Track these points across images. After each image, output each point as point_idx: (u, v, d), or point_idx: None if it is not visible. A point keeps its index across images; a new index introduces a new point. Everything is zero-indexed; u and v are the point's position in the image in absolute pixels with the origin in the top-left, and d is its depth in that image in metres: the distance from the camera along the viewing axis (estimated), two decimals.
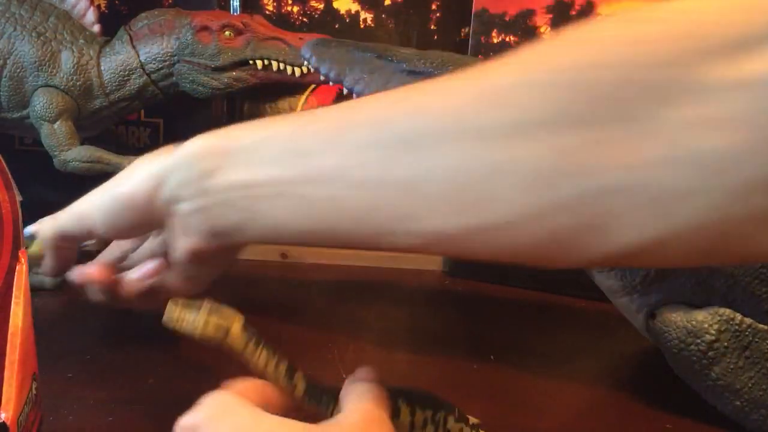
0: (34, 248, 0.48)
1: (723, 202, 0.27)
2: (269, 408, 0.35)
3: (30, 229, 0.48)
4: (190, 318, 0.37)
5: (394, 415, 0.39)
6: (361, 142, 0.34)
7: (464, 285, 0.87)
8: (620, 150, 0.28)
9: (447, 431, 0.41)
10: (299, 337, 0.68)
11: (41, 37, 0.76)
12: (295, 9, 0.88)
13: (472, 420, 0.42)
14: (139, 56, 0.77)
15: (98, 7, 0.85)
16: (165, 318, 0.38)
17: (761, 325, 0.53)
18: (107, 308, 0.74)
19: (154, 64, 0.77)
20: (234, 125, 0.41)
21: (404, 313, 0.74)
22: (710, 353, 0.53)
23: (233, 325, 0.37)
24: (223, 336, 0.36)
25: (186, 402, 0.53)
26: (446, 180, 0.30)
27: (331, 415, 0.38)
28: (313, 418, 0.35)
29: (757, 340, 0.53)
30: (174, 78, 0.78)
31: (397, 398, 0.39)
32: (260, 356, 0.37)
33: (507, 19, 0.81)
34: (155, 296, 0.47)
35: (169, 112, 0.89)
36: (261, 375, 0.38)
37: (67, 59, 0.76)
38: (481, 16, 0.82)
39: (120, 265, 0.52)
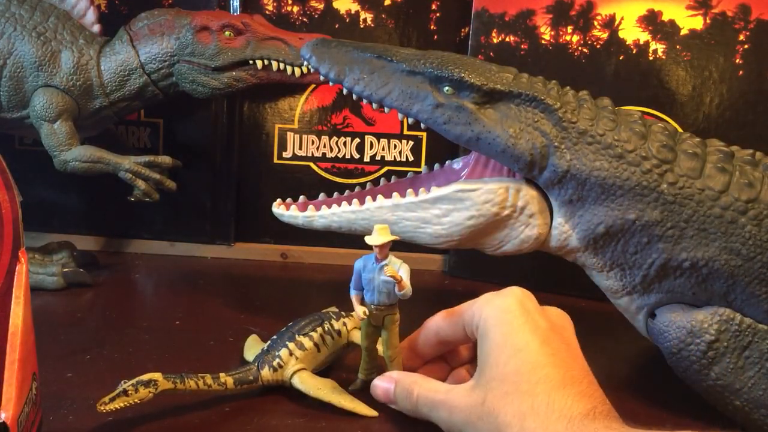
0: None
1: None
2: None
3: None
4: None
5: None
6: None
7: (464, 285, 0.87)
8: None
9: (336, 332, 0.58)
10: None
11: (41, 37, 0.76)
12: (295, 9, 0.88)
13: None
14: (139, 56, 0.77)
15: (98, 7, 0.85)
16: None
17: (761, 325, 0.53)
18: (106, 308, 0.74)
19: (154, 64, 0.77)
20: None
21: (404, 313, 0.74)
22: (710, 353, 0.53)
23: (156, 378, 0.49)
24: (155, 389, 0.48)
25: (185, 402, 0.53)
26: None
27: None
28: None
29: (757, 340, 0.53)
30: (174, 78, 0.78)
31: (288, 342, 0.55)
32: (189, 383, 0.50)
33: (507, 19, 0.81)
34: None
35: (169, 112, 0.89)
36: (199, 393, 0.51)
37: (67, 59, 0.76)
38: (481, 16, 0.82)
39: None
